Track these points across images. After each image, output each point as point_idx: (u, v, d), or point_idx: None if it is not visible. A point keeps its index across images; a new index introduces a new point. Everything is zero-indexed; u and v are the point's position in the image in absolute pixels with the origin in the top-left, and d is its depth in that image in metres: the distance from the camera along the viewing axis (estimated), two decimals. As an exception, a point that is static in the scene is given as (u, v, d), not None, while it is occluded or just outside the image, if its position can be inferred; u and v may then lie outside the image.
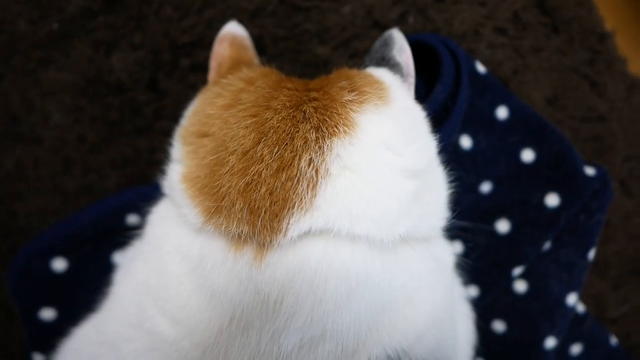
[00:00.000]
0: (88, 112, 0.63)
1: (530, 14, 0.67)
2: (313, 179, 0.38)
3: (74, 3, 0.63)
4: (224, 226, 0.39)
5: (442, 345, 0.44)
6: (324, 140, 0.39)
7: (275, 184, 0.38)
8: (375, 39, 0.53)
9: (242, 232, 0.38)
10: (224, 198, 0.39)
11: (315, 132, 0.40)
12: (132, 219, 0.59)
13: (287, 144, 0.39)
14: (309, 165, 0.38)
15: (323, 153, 0.39)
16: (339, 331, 0.38)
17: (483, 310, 0.63)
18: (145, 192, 0.53)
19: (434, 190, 0.46)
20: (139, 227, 0.49)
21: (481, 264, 0.64)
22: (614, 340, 0.70)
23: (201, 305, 0.39)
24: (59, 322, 0.58)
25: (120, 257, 0.57)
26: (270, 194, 0.38)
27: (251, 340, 0.38)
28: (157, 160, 0.48)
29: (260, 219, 0.38)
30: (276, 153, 0.39)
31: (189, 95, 0.49)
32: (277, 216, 0.38)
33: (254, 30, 0.61)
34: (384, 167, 0.41)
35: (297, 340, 0.38)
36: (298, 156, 0.39)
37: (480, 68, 0.64)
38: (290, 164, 0.39)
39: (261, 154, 0.39)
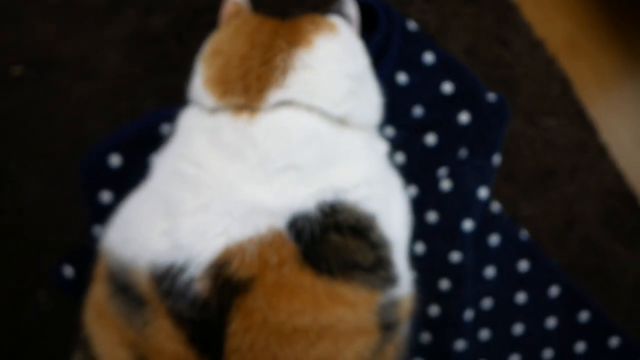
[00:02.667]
0: (135, 56, 0.80)
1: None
2: (284, 69, 0.55)
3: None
4: (229, 101, 0.54)
5: (373, 199, 0.55)
6: (291, 48, 0.56)
7: (261, 71, 0.55)
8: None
9: (240, 103, 0.54)
10: (228, 83, 0.55)
11: (286, 44, 0.57)
12: (165, 128, 0.77)
13: (268, 49, 0.56)
14: (282, 61, 0.55)
15: (290, 55, 0.56)
16: (299, 165, 0.52)
17: (419, 204, 0.79)
18: (176, 109, 0.62)
19: (367, 92, 0.62)
20: (170, 135, 0.59)
21: (416, 169, 0.82)
22: (525, 233, 0.85)
23: (214, 154, 0.53)
24: (114, 203, 0.70)
25: (155, 157, 0.65)
26: (258, 78, 0.55)
27: (246, 169, 0.52)
28: (182, 91, 0.63)
29: (252, 93, 0.54)
30: (261, 54, 0.56)
31: (205, 45, 0.60)
32: (262, 90, 0.54)
33: (250, -2, 0.79)
34: (331, 68, 0.57)
35: (274, 167, 0.51)
36: (275, 56, 0.56)
37: (412, 25, 0.84)
38: (270, 60, 0.56)
39: (252, 55, 0.56)
